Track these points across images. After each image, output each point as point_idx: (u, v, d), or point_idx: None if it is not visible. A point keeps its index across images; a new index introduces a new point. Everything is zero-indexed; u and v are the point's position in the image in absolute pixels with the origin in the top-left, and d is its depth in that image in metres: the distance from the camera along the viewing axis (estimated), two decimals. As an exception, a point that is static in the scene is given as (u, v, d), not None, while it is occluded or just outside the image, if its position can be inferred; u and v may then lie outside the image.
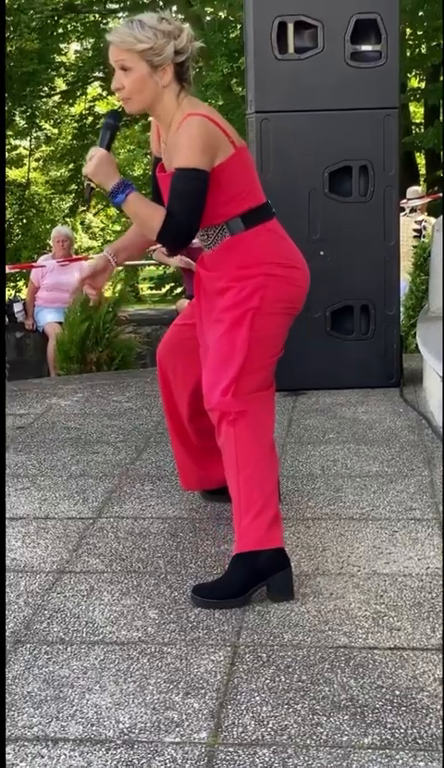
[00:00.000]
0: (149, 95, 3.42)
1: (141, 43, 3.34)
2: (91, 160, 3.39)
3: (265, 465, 3.38)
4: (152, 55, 3.35)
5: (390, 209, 5.95)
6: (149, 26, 3.36)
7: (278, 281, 3.40)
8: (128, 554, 3.65)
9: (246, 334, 3.36)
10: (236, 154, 3.39)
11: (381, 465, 4.59)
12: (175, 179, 3.33)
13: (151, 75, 3.38)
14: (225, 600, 3.24)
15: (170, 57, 3.37)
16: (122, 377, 7.00)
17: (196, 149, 3.30)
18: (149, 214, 3.35)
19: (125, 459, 4.85)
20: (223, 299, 3.45)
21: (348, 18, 5.74)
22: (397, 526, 3.84)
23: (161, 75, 3.38)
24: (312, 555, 3.59)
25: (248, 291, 3.37)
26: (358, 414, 5.50)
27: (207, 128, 3.33)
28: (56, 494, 4.35)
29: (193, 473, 4.05)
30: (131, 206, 3.36)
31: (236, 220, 3.44)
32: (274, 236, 3.48)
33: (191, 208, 3.31)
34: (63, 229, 10.99)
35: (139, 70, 3.37)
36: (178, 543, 3.75)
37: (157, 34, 3.35)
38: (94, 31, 21.08)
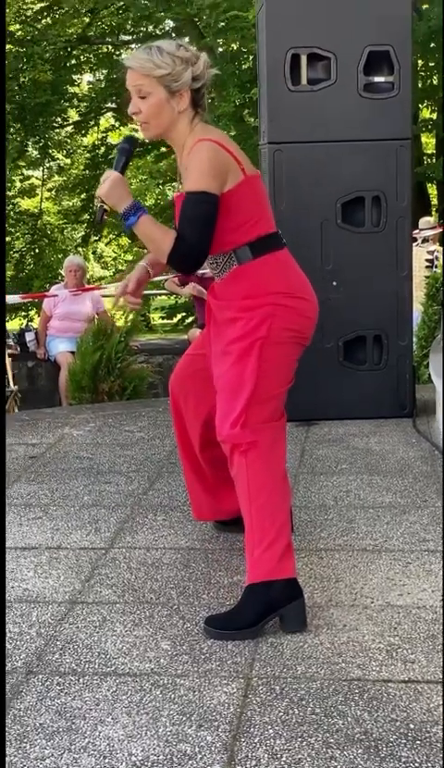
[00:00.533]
0: (166, 120, 3.45)
1: (160, 68, 3.38)
2: (104, 182, 3.42)
3: (278, 496, 3.37)
4: (170, 80, 3.39)
5: (403, 240, 5.96)
6: (167, 52, 3.40)
7: (286, 311, 3.39)
8: (140, 585, 3.64)
9: (255, 364, 3.36)
10: (246, 182, 3.40)
11: (394, 496, 4.58)
12: (185, 202, 3.35)
13: (168, 100, 3.41)
14: (238, 632, 3.22)
15: (188, 83, 3.41)
16: (134, 406, 7.00)
17: (205, 173, 3.32)
18: (160, 236, 3.36)
19: (137, 489, 4.84)
20: (232, 330, 3.44)
21: (361, 50, 5.77)
22: (410, 558, 3.82)
23: (178, 100, 3.42)
24: (325, 587, 3.57)
25: (256, 322, 3.36)
26: (371, 444, 5.49)
27: (217, 153, 3.36)
28: (69, 524, 4.34)
29: (206, 503, 4.04)
30: (143, 229, 3.37)
31: (244, 249, 3.43)
32: (283, 266, 3.47)
33: (200, 231, 3.32)
34: (75, 259, 11.02)
35: (157, 95, 3.41)
36: (190, 574, 3.74)
37: (175, 60, 3.40)
38: (107, 63, 21.24)
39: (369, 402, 6.01)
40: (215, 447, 3.63)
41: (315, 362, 5.54)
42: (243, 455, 3.35)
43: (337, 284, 5.88)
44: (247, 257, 3.44)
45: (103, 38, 21.09)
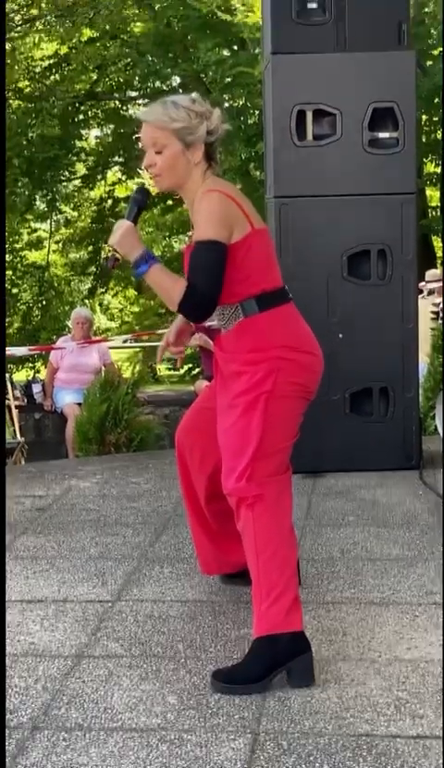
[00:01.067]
0: (180, 173, 3.51)
1: (176, 121, 3.45)
2: (116, 231, 3.48)
3: (285, 549, 3.37)
4: (186, 133, 3.45)
5: (409, 292, 5.99)
6: (182, 106, 3.48)
7: (291, 365, 3.40)
8: (147, 638, 3.63)
9: (260, 418, 3.36)
10: (253, 234, 3.43)
11: (401, 549, 4.57)
12: (194, 251, 3.40)
13: (184, 153, 3.47)
14: (245, 686, 3.20)
15: (203, 137, 3.47)
16: (141, 458, 7.00)
17: (213, 222, 3.37)
18: (170, 285, 3.40)
19: (144, 541, 4.83)
20: (237, 383, 3.45)
21: (366, 107, 5.84)
22: (418, 611, 3.80)
23: (193, 153, 3.48)
24: (332, 640, 3.55)
25: (261, 376, 3.38)
26: (378, 496, 5.48)
27: (224, 203, 3.41)
28: (75, 576, 4.33)
29: (213, 556, 4.03)
30: (153, 277, 3.42)
31: (250, 301, 3.45)
32: (289, 320, 3.49)
33: (210, 279, 3.35)
34: (83, 311, 11.08)
35: (172, 148, 3.47)
36: (197, 627, 3.72)
37: (191, 114, 3.47)
38: (115, 118, 21.44)
39: (376, 454, 6.00)
40: (220, 500, 3.63)
41: (322, 413, 5.54)
42: (250, 509, 3.34)
43: (343, 336, 5.90)
44: (253, 310, 3.45)
45: (110, 94, 21.29)
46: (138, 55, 19.16)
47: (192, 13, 16.68)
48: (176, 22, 18.27)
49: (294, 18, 5.87)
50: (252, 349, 3.44)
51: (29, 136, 18.84)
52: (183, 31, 18.06)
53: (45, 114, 18.66)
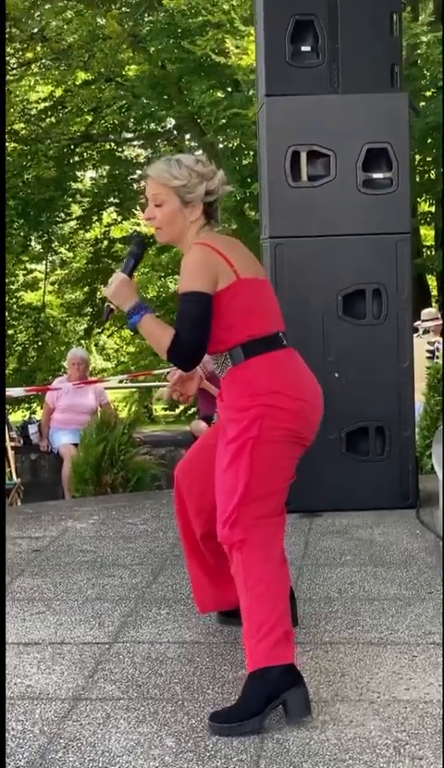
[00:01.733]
0: (178, 228, 3.64)
1: (176, 179, 3.58)
2: (111, 284, 3.59)
3: (277, 585, 3.39)
4: (184, 192, 3.59)
5: (404, 331, 6.01)
6: (185, 165, 3.60)
7: (278, 411, 3.42)
8: (144, 680, 3.61)
9: (247, 464, 3.41)
10: (238, 284, 3.50)
11: (399, 588, 4.55)
12: (179, 303, 3.50)
13: (181, 210, 3.61)
14: (242, 724, 3.18)
15: (201, 197, 3.60)
16: (137, 499, 6.99)
17: (194, 274, 3.48)
18: (159, 334, 3.50)
19: (141, 582, 4.82)
20: (229, 430, 3.50)
21: (360, 147, 5.89)
22: (416, 651, 3.79)
23: (191, 211, 3.61)
24: (330, 681, 3.53)
25: (247, 423, 3.42)
26: (375, 535, 5.47)
27: (205, 254, 3.51)
28: (72, 618, 4.31)
29: (209, 594, 4.02)
30: (145, 327, 3.53)
31: (237, 349, 3.52)
32: (276, 366, 3.51)
33: (193, 329, 3.45)
34: (79, 352, 11.09)
35: (171, 204, 3.61)
36: (195, 669, 3.70)
37: (192, 174, 3.59)
38: (110, 159, 21.60)
39: (372, 493, 6.00)
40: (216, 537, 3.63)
41: (318, 453, 5.52)
42: (239, 551, 3.39)
43: (339, 375, 5.91)
44: (240, 359, 3.52)
45: (105, 135, 21.46)
46: (133, 97, 19.34)
47: (187, 56, 16.85)
48: (170, 65, 18.45)
49: (288, 60, 5.93)
50: (240, 395, 3.49)
51: (24, 178, 18.96)
52: (178, 74, 18.23)
53: (41, 156, 18.80)
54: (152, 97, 18.99)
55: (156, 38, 18.07)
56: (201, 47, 15.76)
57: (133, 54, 19.59)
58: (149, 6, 18.74)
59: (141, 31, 19.01)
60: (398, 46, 6.08)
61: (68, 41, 18.62)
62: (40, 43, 19.55)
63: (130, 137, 21.70)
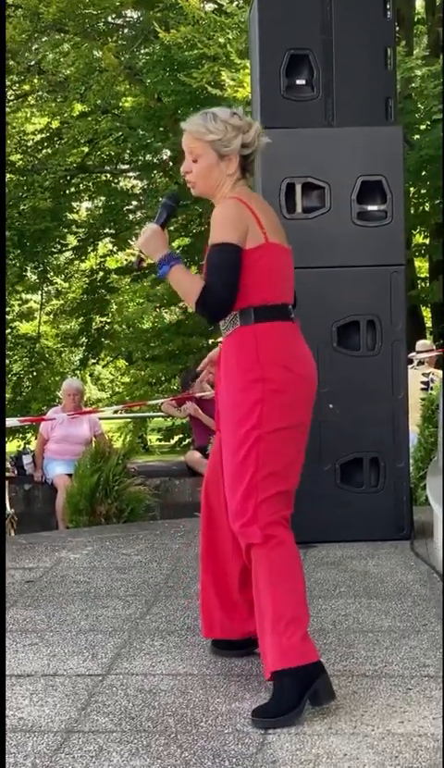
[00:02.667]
0: (213, 182, 3.68)
1: (212, 133, 3.63)
2: (143, 234, 3.66)
3: (302, 585, 3.55)
4: (220, 145, 3.64)
5: (398, 363, 6.02)
6: (221, 119, 3.65)
7: (277, 396, 3.50)
8: (137, 713, 3.59)
9: (254, 456, 3.49)
10: (265, 246, 3.56)
11: (393, 620, 4.54)
12: (208, 255, 3.56)
13: (217, 163, 3.66)
14: (281, 718, 3.38)
15: (237, 150, 3.65)
16: (131, 529, 6.97)
17: (226, 225, 3.53)
18: (189, 285, 3.56)
19: (134, 613, 4.80)
20: (230, 416, 3.57)
21: (354, 180, 5.92)
22: (411, 684, 3.77)
23: (227, 164, 3.66)
24: (324, 713, 3.51)
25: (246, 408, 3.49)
26: (369, 567, 5.46)
27: (238, 208, 3.57)
28: (65, 650, 4.29)
29: (217, 618, 3.99)
30: (174, 277, 3.59)
31: (248, 311, 3.57)
32: (280, 337, 3.60)
33: (224, 279, 3.50)
34: (74, 383, 11.08)
35: (207, 158, 3.66)
36: (188, 701, 3.68)
37: (227, 127, 3.64)
38: (105, 190, 21.68)
39: (367, 525, 5.99)
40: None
41: (313, 484, 5.54)
42: (262, 547, 3.49)
43: (333, 407, 5.91)
44: (249, 320, 3.57)
45: (101, 166, 21.56)
46: (129, 128, 19.44)
47: (183, 88, 16.94)
48: (166, 97, 18.55)
49: (283, 93, 5.97)
50: (243, 360, 3.54)
51: (20, 209, 19.02)
52: (174, 106, 18.32)
53: (37, 187, 18.87)
54: (148, 129, 19.09)
55: (152, 70, 18.18)
56: (197, 80, 15.85)
57: (130, 86, 19.71)
58: (145, 39, 18.88)
59: (137, 64, 19.14)
60: (392, 80, 6.13)
61: (65, 73, 18.74)
62: (37, 76, 19.69)
63: (126, 168, 21.81)
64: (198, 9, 16.34)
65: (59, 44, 19.20)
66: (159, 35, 16.73)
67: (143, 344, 21.61)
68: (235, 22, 15.54)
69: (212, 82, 15.48)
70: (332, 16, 5.98)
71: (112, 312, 23.66)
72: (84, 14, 17.42)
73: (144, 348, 21.52)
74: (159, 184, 20.89)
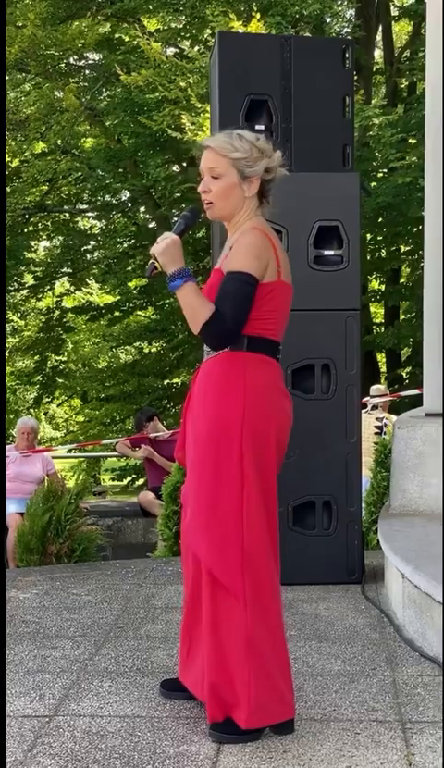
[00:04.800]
0: (233, 203, 3.62)
1: (237, 151, 3.56)
2: (161, 241, 3.59)
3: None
4: (244, 165, 3.57)
5: (352, 407, 6.05)
6: (247, 139, 3.59)
7: (257, 425, 3.54)
8: (83, 755, 3.55)
9: (238, 498, 3.52)
10: (278, 285, 3.56)
11: (343, 664, 4.54)
12: (226, 280, 3.50)
13: (240, 184, 3.59)
14: (242, 736, 3.53)
15: (260, 172, 3.58)
16: (82, 569, 6.93)
17: (251, 256, 3.49)
18: (198, 306, 3.49)
19: (83, 654, 4.76)
20: (203, 446, 3.55)
21: (311, 225, 5.97)
22: (359, 728, 3.77)
23: (249, 186, 3.59)
24: (273, 757, 3.50)
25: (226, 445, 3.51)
26: (319, 610, 5.46)
27: (264, 243, 3.53)
28: (12, 691, 4.24)
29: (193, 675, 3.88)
30: (185, 294, 3.51)
31: (242, 338, 3.54)
32: (269, 370, 3.60)
33: (237, 309, 3.47)
34: (29, 421, 11.03)
35: (229, 178, 3.59)
36: (135, 743, 3.65)
37: (253, 148, 3.58)
38: (64, 230, 21.71)
39: (318, 568, 6.00)
40: None
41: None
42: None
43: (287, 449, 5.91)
44: (241, 347, 3.54)
45: (60, 206, 21.60)
46: (88, 169, 19.53)
47: (143, 130, 17.07)
48: (127, 139, 18.66)
49: (242, 138, 6.02)
50: (223, 387, 3.53)
51: (-24, 249, 18.97)
52: (134, 147, 18.45)
53: (-6, 224, 18.83)
54: (107, 170, 19.18)
55: (113, 112, 18.31)
56: (157, 122, 15.97)
57: (90, 126, 19.82)
58: (107, 80, 19.01)
59: (98, 105, 19.26)
60: (350, 128, 6.22)
61: (26, 112, 18.81)
62: (-3, 114, 19.72)
63: (85, 208, 21.86)
64: (159, 53, 16.51)
65: (21, 84, 19.27)
66: (120, 77, 16.87)
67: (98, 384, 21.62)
68: (196, 67, 15.69)
69: (172, 125, 15.60)
70: (292, 63, 6.07)
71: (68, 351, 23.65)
72: (46, 54, 17.49)
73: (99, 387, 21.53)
74: (117, 225, 20.98)
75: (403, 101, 18.42)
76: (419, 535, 5.59)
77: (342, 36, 18.01)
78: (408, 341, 18.77)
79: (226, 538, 3.55)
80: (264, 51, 6.10)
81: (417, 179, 14.12)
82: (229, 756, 3.50)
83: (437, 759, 3.46)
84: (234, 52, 6.08)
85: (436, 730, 3.73)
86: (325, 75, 6.10)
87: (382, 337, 19.14)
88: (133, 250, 20.41)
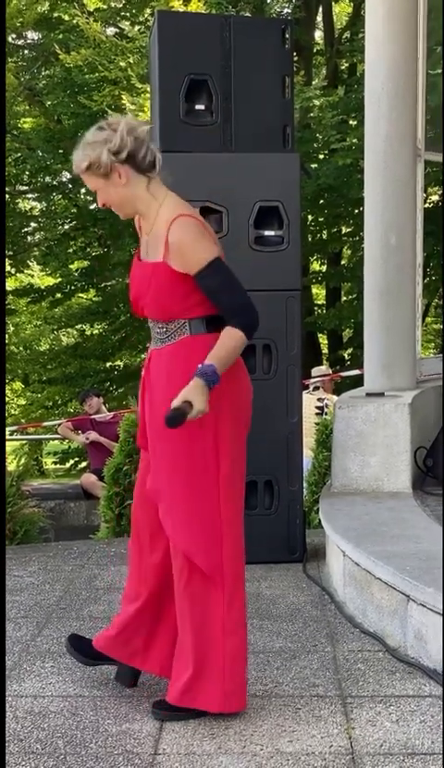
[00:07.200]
0: (117, 199, 3.58)
1: (82, 162, 3.51)
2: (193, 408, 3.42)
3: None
4: (95, 168, 3.50)
5: (293, 387, 6.08)
6: (84, 143, 3.52)
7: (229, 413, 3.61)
8: (26, 734, 3.55)
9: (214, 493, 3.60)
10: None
11: (284, 641, 4.57)
12: (206, 280, 3.47)
13: (106, 184, 3.53)
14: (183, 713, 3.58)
15: (108, 163, 3.49)
16: (24, 551, 6.91)
17: (204, 243, 3.49)
18: (231, 349, 3.49)
19: (25, 635, 4.75)
20: (173, 440, 3.55)
21: (252, 205, 5.98)
22: (300, 704, 3.80)
23: (115, 178, 3.52)
24: (214, 733, 3.53)
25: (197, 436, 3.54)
26: (261, 589, 5.49)
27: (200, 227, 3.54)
28: None
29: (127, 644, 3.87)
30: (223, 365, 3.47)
31: (199, 320, 3.54)
32: None
33: (237, 289, 3.51)
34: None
35: (97, 185, 3.55)
36: (78, 722, 3.66)
37: (89, 148, 3.50)
38: (4, 211, 21.53)
39: (260, 547, 6.00)
40: None
41: (207, 506, 5.55)
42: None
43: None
44: (200, 330, 3.55)
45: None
46: (28, 150, 19.36)
47: (83, 110, 16.96)
48: (66, 119, 18.53)
49: (182, 118, 6.01)
50: (185, 369, 3.49)
51: None
52: (74, 128, 18.32)
53: None
54: (47, 150, 19.06)
55: (53, 92, 18.18)
56: (97, 103, 15.90)
57: (29, 107, 19.66)
58: (46, 60, 18.86)
59: (37, 85, 19.11)
60: (290, 108, 6.21)
61: (-36, 92, 18.62)
62: None
63: (25, 189, 21.69)
64: (99, 33, 16.40)
65: (-42, 63, 19.07)
66: (60, 57, 16.74)
67: (40, 366, 21.51)
68: (136, 47, 15.63)
69: (112, 106, 15.54)
70: (232, 43, 6.05)
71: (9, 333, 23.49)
72: (-16, 33, 17.31)
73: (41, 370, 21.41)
74: (58, 206, 20.85)
75: (344, 82, 18.47)
76: (360, 513, 5.64)
77: (283, 17, 18.00)
78: (349, 323, 18.88)
79: (205, 528, 3.57)
80: (203, 30, 6.08)
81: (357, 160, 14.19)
82: (171, 733, 3.53)
83: (377, 731, 3.51)
84: (174, 31, 6.06)
85: (375, 704, 3.77)
86: (264, 55, 6.09)
87: (324, 318, 19.25)
88: (74, 232, 20.32)
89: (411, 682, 3.99)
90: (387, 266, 6.79)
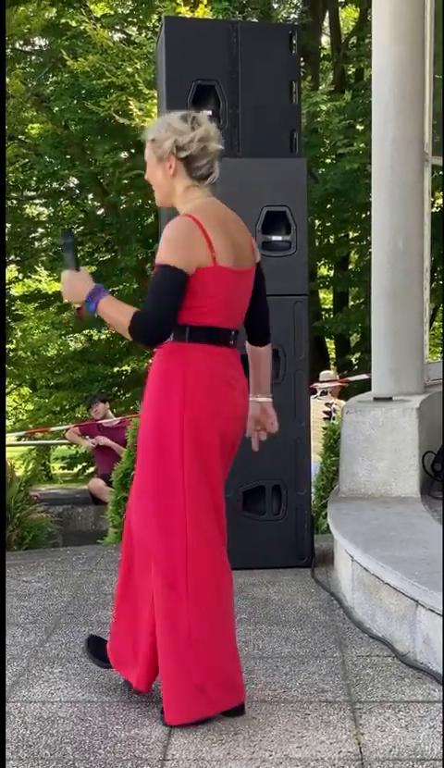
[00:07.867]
0: (157, 184, 3.61)
1: (150, 133, 3.58)
2: (62, 286, 3.55)
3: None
4: (156, 147, 3.56)
5: (301, 392, 6.08)
6: (166, 121, 3.57)
7: (195, 426, 3.52)
8: (35, 740, 3.55)
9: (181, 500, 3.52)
10: (213, 270, 3.46)
11: (293, 647, 4.57)
12: (153, 274, 3.45)
13: (156, 164, 3.58)
14: None
15: (167, 152, 3.53)
16: (33, 556, 6.91)
17: (171, 247, 3.42)
18: (119, 316, 3.43)
19: (34, 641, 4.75)
20: (144, 435, 3.58)
21: (259, 210, 5.98)
22: (309, 709, 3.80)
23: (166, 166, 3.56)
24: (223, 739, 3.52)
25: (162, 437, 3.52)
26: (270, 594, 5.49)
27: (189, 229, 3.45)
28: (-38, 678, 4.23)
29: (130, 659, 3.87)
30: (103, 312, 3.46)
31: (184, 328, 3.49)
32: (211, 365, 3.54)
33: (160, 303, 3.38)
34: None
35: (150, 159, 3.61)
36: (86, 728, 3.66)
37: (164, 128, 3.55)
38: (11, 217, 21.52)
39: (268, 552, 6.02)
40: None
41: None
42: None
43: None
44: (182, 337, 3.50)
45: (7, 193, 21.44)
46: (35, 155, 19.40)
47: (90, 116, 16.98)
48: (74, 125, 18.56)
49: (189, 124, 6.01)
50: (160, 381, 3.51)
51: None
52: (81, 134, 18.36)
53: None
54: (54, 156, 19.08)
55: (60, 98, 18.20)
56: (104, 108, 15.91)
57: (37, 113, 19.68)
58: (53, 66, 18.90)
59: (45, 91, 19.13)
60: (297, 113, 6.22)
61: (-28, 98, 18.65)
62: None
63: (32, 195, 21.73)
64: (106, 39, 16.43)
65: (-34, 69, 19.11)
66: (67, 63, 16.77)
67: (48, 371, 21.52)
68: (143, 53, 15.65)
69: (120, 111, 15.55)
70: (239, 49, 6.06)
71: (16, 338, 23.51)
72: (-8, 40, 17.34)
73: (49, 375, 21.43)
74: (65, 212, 20.88)
75: (350, 87, 18.49)
76: (368, 518, 5.64)
77: (289, 22, 18.02)
78: (357, 327, 18.86)
79: (169, 535, 3.55)
80: (210, 36, 6.09)
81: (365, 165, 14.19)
82: (180, 739, 3.52)
83: (386, 737, 3.50)
84: (181, 37, 6.07)
85: (384, 710, 3.77)
86: (271, 60, 6.10)
87: (331, 323, 19.23)
88: (82, 237, 20.33)
89: (420, 687, 3.98)
90: (394, 270, 6.79)
